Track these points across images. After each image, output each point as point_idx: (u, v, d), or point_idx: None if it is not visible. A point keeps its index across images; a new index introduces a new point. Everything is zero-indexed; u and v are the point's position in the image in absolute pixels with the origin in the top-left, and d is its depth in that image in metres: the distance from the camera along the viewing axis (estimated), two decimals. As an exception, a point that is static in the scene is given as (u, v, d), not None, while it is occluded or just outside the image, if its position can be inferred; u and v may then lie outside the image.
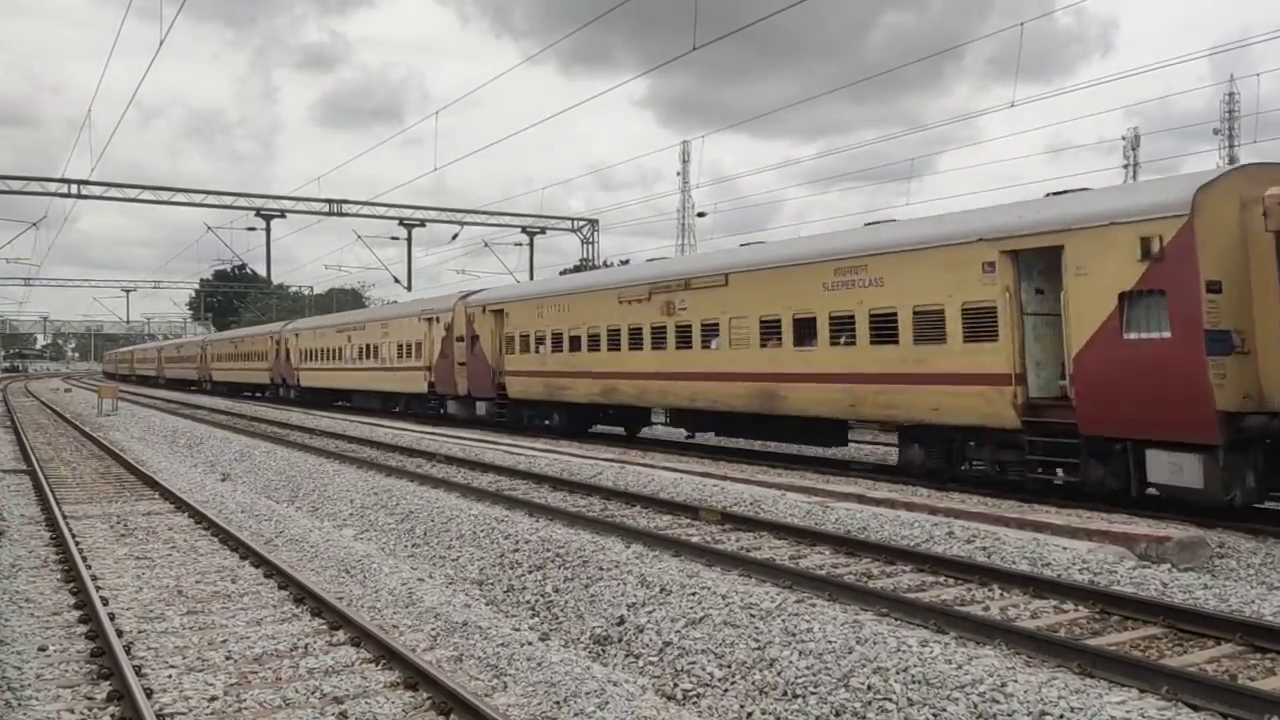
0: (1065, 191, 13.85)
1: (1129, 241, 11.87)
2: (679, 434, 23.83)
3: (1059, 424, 12.82)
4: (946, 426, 14.57)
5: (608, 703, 6.53)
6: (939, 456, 15.02)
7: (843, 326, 16.02)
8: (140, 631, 8.15)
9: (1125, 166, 61.95)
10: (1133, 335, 11.93)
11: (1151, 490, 12.23)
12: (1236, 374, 11.33)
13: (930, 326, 14.48)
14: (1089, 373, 12.41)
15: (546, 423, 26.13)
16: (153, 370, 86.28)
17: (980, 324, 13.77)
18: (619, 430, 26.20)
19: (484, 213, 50.99)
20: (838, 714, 6.18)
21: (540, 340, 25.31)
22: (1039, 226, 13.10)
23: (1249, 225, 11.39)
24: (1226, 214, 11.48)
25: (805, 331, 16.81)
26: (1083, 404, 12.46)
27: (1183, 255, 11.35)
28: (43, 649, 7.67)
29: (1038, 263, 13.32)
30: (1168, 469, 11.75)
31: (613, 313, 22.35)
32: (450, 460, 19.43)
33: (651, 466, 17.12)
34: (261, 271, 60.65)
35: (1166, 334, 11.60)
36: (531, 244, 52.68)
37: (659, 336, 20.68)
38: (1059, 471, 13.43)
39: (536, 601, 9.35)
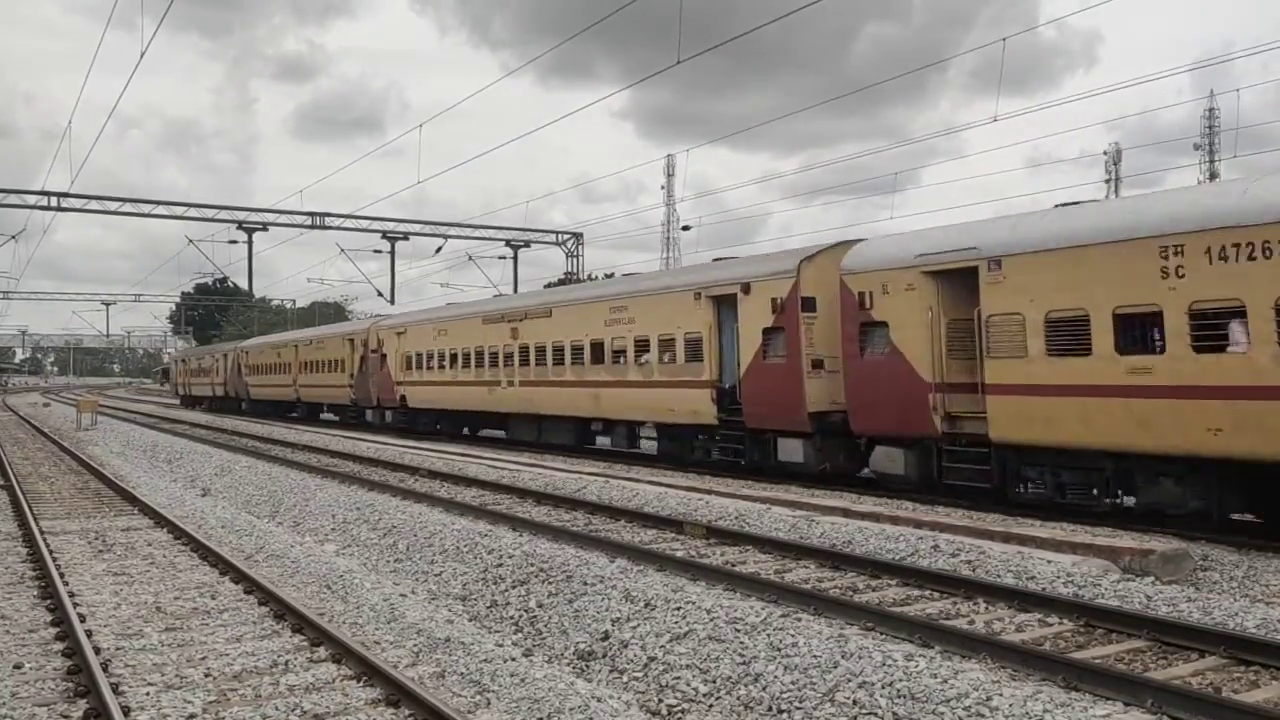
0: (734, 258, 19.77)
1: (767, 293, 17.09)
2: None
3: (738, 421, 17.84)
4: (681, 424, 19.63)
5: (592, 719, 6.48)
6: (679, 447, 20.15)
7: (619, 350, 21.09)
8: (118, 648, 8.03)
9: (1107, 181, 62.33)
10: (768, 358, 17.05)
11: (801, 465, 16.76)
12: (825, 386, 16.31)
13: (668, 350, 19.64)
14: (749, 384, 17.54)
15: (438, 427, 31.16)
16: None
17: (694, 349, 18.90)
18: (500, 433, 28.56)
19: (467, 226, 51.00)
20: (824, 729, 6.15)
21: (430, 357, 30.04)
22: (725, 279, 18.41)
23: (838, 285, 15.67)
24: (825, 276, 16.25)
25: (597, 353, 21.76)
26: (746, 407, 17.63)
27: (792, 304, 16.58)
28: (18, 666, 7.55)
29: (726, 304, 18.30)
30: (787, 450, 16.84)
31: (478, 335, 26.98)
32: (433, 475, 19.34)
33: (636, 481, 17.09)
34: (243, 284, 60.43)
35: (783, 358, 16.69)
36: (515, 257, 52.66)
37: (508, 355, 25.33)
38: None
39: (520, 617, 9.29)
